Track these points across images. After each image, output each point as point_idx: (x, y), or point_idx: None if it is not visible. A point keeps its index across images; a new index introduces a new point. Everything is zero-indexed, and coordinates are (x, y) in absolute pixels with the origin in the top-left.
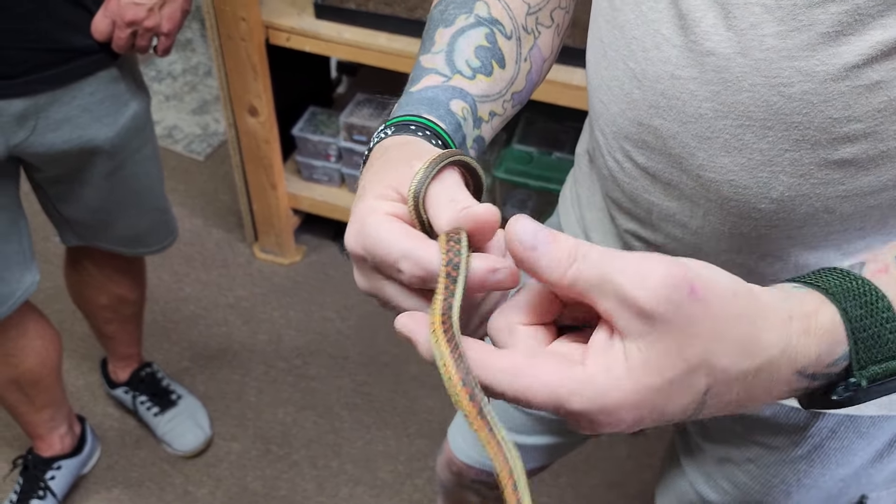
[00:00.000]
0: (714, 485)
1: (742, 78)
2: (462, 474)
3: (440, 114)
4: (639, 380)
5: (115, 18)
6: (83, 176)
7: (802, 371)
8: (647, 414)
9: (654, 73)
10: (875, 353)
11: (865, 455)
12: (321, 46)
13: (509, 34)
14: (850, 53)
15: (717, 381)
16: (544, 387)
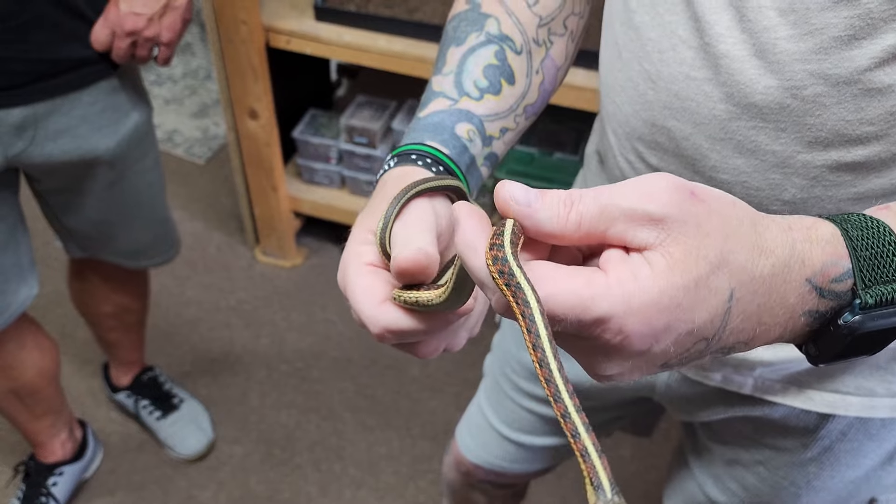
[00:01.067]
0: (723, 487)
1: (756, 80)
2: (470, 474)
3: (444, 139)
4: (667, 280)
5: (115, 28)
6: (84, 187)
7: (811, 280)
8: (677, 321)
9: (668, 74)
10: (879, 273)
11: (876, 457)
12: (321, 49)
13: (519, 49)
14: (863, 57)
15: (741, 283)
16: (569, 292)
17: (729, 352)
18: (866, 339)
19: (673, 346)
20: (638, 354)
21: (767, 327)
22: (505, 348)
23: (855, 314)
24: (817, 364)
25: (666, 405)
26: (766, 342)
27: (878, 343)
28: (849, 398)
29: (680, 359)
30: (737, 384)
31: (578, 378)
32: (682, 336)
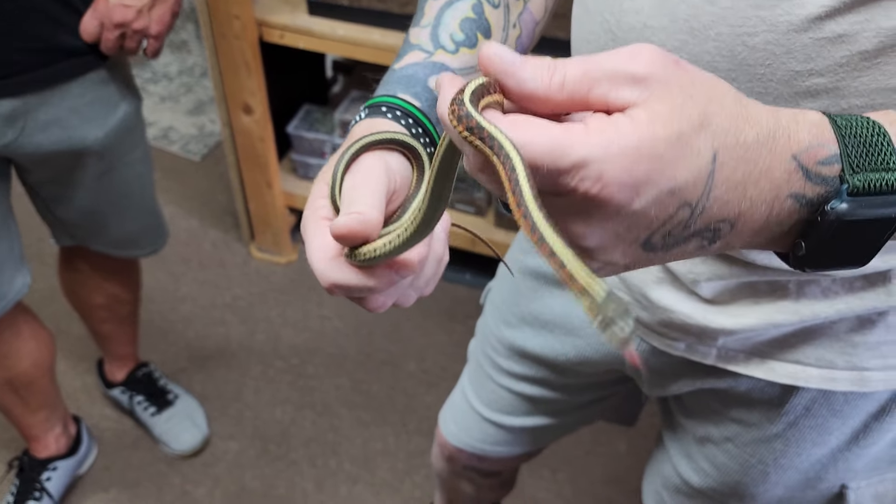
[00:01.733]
0: (695, 466)
1: (709, 27)
2: (454, 459)
3: (416, 91)
4: (648, 129)
5: (104, 20)
6: (74, 178)
7: (797, 157)
8: (657, 173)
9: (627, 23)
10: (867, 160)
11: (841, 436)
12: (315, 43)
13: (497, 3)
14: (814, 4)
15: (724, 147)
16: (545, 137)
17: (714, 236)
18: (855, 238)
19: (655, 208)
20: (619, 212)
21: (752, 204)
22: (485, 328)
23: (843, 201)
24: (804, 268)
25: (637, 380)
26: (753, 229)
27: (868, 245)
28: (809, 369)
29: (664, 232)
30: (701, 354)
31: (555, 353)
32: (663, 194)
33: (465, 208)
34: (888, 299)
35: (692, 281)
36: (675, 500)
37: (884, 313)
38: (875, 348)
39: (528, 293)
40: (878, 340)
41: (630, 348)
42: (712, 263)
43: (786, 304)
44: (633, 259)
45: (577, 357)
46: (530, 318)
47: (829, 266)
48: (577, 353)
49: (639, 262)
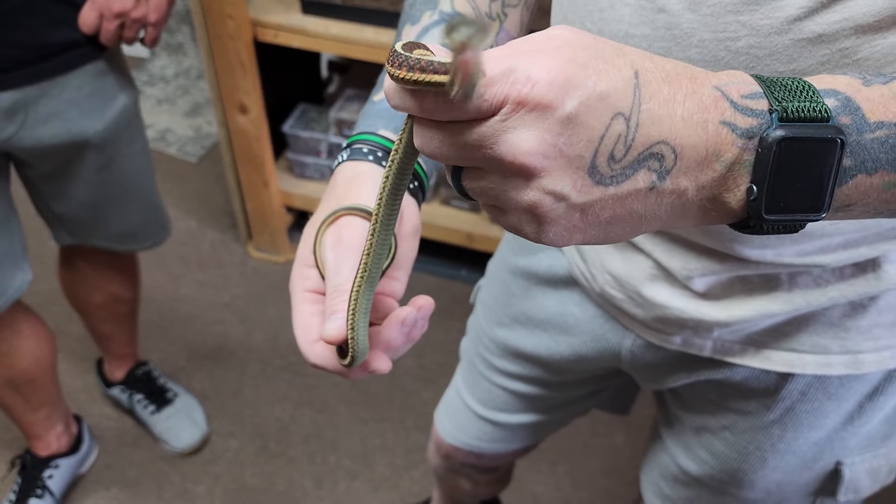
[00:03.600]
0: (694, 456)
1: (691, 34)
2: (450, 457)
3: (396, 125)
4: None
5: (103, 10)
6: (74, 171)
7: (719, 87)
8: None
9: (609, 32)
10: (791, 96)
11: (837, 417)
12: (309, 42)
13: None
14: (792, 6)
15: (644, 68)
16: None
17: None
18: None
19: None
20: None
21: (685, 124)
22: (477, 328)
23: (777, 127)
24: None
25: (634, 375)
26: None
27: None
28: (805, 356)
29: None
30: (697, 347)
31: (549, 353)
32: (593, 98)
33: (460, 205)
34: (878, 284)
35: (686, 277)
36: (674, 489)
37: (874, 298)
38: (867, 331)
39: (520, 293)
40: (870, 324)
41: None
42: (705, 260)
43: (779, 294)
44: (586, 197)
45: (573, 355)
46: (523, 318)
47: (784, 209)
48: (573, 352)
49: (592, 209)
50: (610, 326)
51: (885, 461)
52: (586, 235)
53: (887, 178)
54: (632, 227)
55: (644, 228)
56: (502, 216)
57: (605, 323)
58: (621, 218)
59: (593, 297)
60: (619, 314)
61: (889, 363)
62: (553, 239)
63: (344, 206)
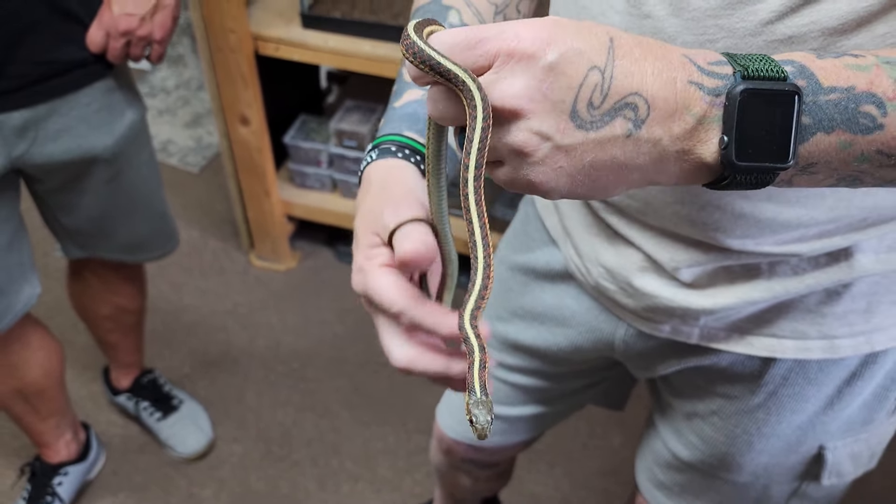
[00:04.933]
0: (685, 441)
1: (675, 37)
2: (452, 452)
3: (420, 128)
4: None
5: (110, 29)
6: (83, 185)
7: (687, 55)
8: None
9: None
10: (750, 60)
11: (817, 402)
12: (308, 55)
13: None
14: (764, 10)
15: (618, 35)
16: (492, 25)
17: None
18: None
19: (566, 64)
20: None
21: (655, 79)
22: None
23: (739, 83)
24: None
25: (627, 363)
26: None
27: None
28: (785, 342)
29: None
30: (685, 334)
31: (547, 344)
32: (571, 52)
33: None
34: (850, 272)
35: (673, 268)
36: (667, 475)
37: (848, 285)
38: (843, 317)
39: (518, 288)
40: (845, 310)
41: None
42: (692, 251)
43: (759, 282)
44: (569, 139)
45: (569, 346)
46: (521, 312)
47: (754, 157)
48: (569, 343)
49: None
50: (604, 317)
51: (866, 446)
52: (573, 181)
53: (843, 136)
54: (615, 175)
55: (627, 178)
56: (498, 169)
57: (599, 314)
58: (603, 164)
59: (588, 289)
60: (612, 305)
61: (864, 348)
62: (543, 179)
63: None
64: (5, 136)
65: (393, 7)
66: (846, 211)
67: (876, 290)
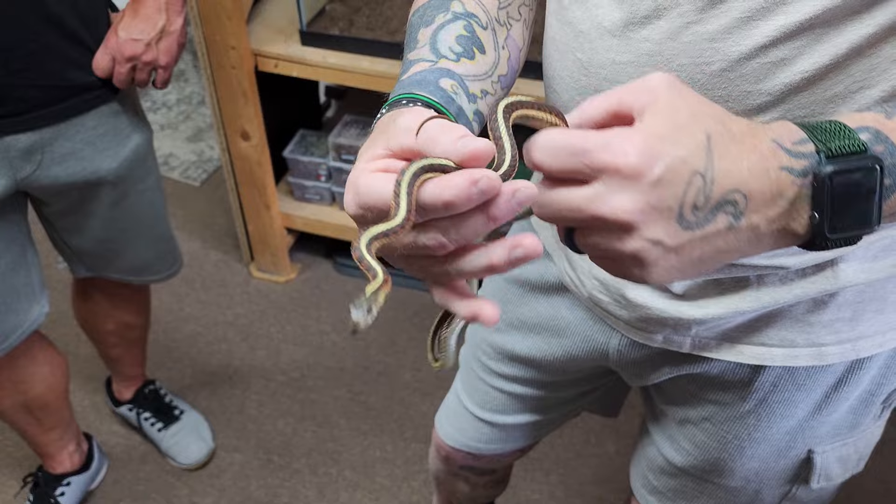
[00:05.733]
0: (677, 446)
1: (671, 59)
2: (450, 459)
3: (430, 90)
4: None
5: (115, 55)
6: (89, 207)
7: (776, 140)
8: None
9: (598, 61)
10: (831, 136)
11: (806, 407)
12: (307, 71)
13: (485, 25)
14: (759, 35)
15: (715, 132)
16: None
17: (736, 210)
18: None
19: (671, 174)
20: (644, 178)
21: (751, 174)
22: (475, 335)
23: (825, 164)
24: (826, 242)
25: (621, 372)
26: (763, 200)
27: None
28: (773, 350)
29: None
30: (677, 344)
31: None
32: (676, 161)
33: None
34: (835, 282)
35: None
36: (661, 480)
37: (834, 294)
38: (829, 325)
39: (514, 300)
40: (832, 318)
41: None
42: None
43: (748, 293)
44: (677, 240)
45: (565, 356)
46: (518, 323)
47: (844, 228)
48: (565, 353)
49: (684, 250)
50: (598, 328)
51: (853, 450)
52: (683, 272)
53: None
54: (718, 259)
55: (728, 259)
56: (611, 264)
57: (593, 325)
58: (709, 254)
59: (582, 301)
60: (605, 316)
61: (850, 355)
62: (657, 278)
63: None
64: (11, 159)
65: (390, 24)
66: None
67: (861, 299)
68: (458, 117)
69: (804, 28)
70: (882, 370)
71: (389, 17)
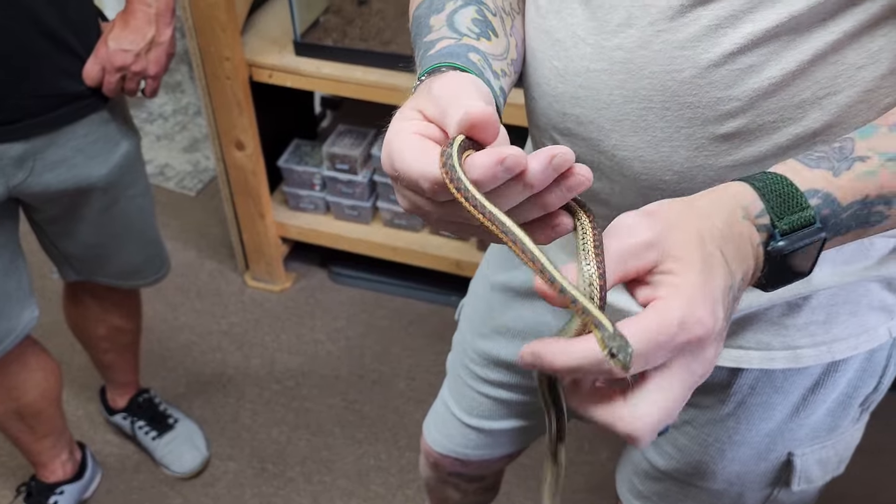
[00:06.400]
0: (661, 451)
1: (643, 67)
2: (438, 466)
3: (462, 62)
4: (690, 275)
5: (105, 64)
6: (79, 213)
7: (745, 218)
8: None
9: (573, 68)
10: (785, 207)
11: (784, 409)
12: (301, 81)
13: (494, 12)
14: (728, 43)
15: (720, 242)
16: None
17: (743, 287)
18: (797, 262)
19: (725, 307)
20: (713, 331)
21: (745, 258)
22: (462, 341)
23: (778, 241)
24: (767, 290)
25: None
26: (754, 275)
27: (807, 262)
28: (750, 353)
29: (729, 312)
30: None
31: None
32: (724, 296)
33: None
34: (808, 286)
35: None
36: (646, 484)
37: (807, 297)
38: (804, 328)
39: (499, 306)
40: (806, 321)
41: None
42: None
43: None
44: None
45: None
46: (503, 329)
47: (784, 283)
48: None
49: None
50: None
51: (833, 452)
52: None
53: (855, 234)
54: None
55: None
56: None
57: None
58: None
59: None
60: None
61: (825, 357)
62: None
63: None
64: (4, 167)
65: (382, 35)
66: None
67: (834, 302)
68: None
69: (771, 35)
70: (858, 373)
71: (382, 28)
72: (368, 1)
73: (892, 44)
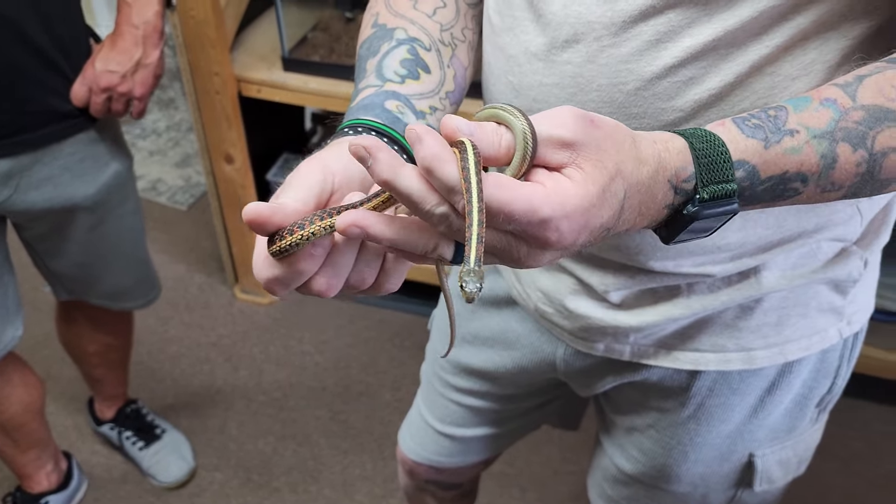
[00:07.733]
0: (627, 455)
1: (591, 80)
2: (414, 473)
3: (375, 113)
4: (584, 189)
5: (91, 85)
6: (66, 232)
7: (671, 181)
8: (593, 218)
9: (527, 83)
10: (713, 176)
11: (742, 411)
12: (289, 96)
13: (428, 47)
14: (668, 56)
15: (630, 186)
16: (523, 197)
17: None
18: (701, 224)
19: (589, 238)
20: (567, 247)
21: (643, 217)
22: (433, 351)
23: (695, 206)
24: (668, 243)
25: (569, 382)
26: (639, 228)
27: (710, 226)
28: (707, 355)
29: (588, 244)
30: (618, 352)
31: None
32: (595, 230)
33: None
34: (759, 288)
35: (603, 290)
36: (614, 489)
37: (759, 300)
38: (757, 330)
39: (467, 315)
40: (759, 323)
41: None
42: (619, 275)
43: (679, 300)
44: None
45: (515, 367)
46: (470, 338)
47: (683, 241)
48: (514, 364)
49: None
50: (545, 339)
51: (793, 453)
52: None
53: (765, 205)
54: None
55: None
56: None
57: (540, 336)
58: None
59: (530, 313)
60: (551, 327)
61: (778, 358)
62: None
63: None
64: None
65: None
66: (753, 232)
67: (785, 305)
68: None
69: (709, 49)
70: (812, 374)
71: None
72: (355, 18)
73: (823, 56)
